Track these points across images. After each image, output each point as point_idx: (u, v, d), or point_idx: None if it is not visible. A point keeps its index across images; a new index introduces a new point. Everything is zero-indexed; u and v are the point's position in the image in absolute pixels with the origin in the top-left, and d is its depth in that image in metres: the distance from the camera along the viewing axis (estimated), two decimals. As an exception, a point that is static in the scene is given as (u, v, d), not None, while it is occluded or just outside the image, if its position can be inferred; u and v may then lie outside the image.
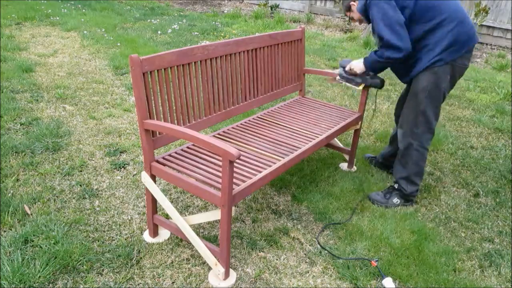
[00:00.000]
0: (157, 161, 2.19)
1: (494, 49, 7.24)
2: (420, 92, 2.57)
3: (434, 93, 2.56)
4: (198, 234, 2.41)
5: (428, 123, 2.63)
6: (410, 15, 2.44)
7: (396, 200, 2.79)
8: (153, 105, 2.10)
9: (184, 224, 2.13)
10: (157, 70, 2.10)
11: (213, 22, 7.78)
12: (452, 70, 2.54)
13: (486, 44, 7.40)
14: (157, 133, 2.14)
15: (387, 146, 3.16)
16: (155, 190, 2.19)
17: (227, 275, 2.10)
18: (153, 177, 2.20)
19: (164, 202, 2.16)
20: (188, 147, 2.37)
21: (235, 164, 2.22)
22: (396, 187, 2.80)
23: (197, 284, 2.09)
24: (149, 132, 2.09)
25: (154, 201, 2.28)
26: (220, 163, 2.20)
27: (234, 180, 2.05)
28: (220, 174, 2.09)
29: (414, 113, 2.64)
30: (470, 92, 5.03)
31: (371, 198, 2.84)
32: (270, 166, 2.24)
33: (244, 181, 2.06)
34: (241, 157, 2.31)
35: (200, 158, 2.28)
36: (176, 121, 2.26)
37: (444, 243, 2.49)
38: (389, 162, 3.14)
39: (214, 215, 2.07)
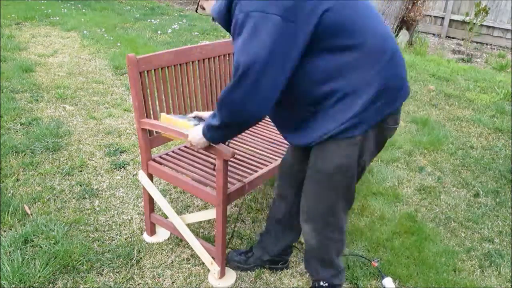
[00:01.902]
0: (154, 160, 2.20)
1: (494, 49, 7.24)
2: (333, 174, 1.60)
3: (351, 173, 1.60)
4: (198, 234, 2.41)
5: (339, 225, 1.76)
6: (312, 38, 1.37)
7: None
8: (150, 104, 2.11)
9: (180, 222, 2.13)
10: (154, 70, 2.10)
11: (213, 22, 7.78)
12: (380, 135, 1.59)
13: (486, 44, 7.40)
14: (154, 132, 2.15)
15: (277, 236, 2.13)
16: (152, 189, 2.20)
17: (222, 273, 2.10)
18: (150, 176, 2.20)
19: (160, 200, 2.17)
20: (185, 146, 2.37)
21: (231, 163, 2.22)
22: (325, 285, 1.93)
23: (197, 284, 2.09)
24: (146, 131, 2.10)
25: (151, 199, 2.28)
26: (219, 163, 2.20)
27: (230, 179, 2.05)
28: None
29: (325, 207, 1.70)
30: (470, 92, 5.03)
31: None
32: (266, 165, 2.24)
33: (240, 180, 2.06)
34: (238, 156, 2.31)
35: (197, 157, 2.28)
36: (174, 121, 2.26)
37: (444, 243, 2.49)
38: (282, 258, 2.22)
39: (210, 214, 2.07)
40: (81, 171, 2.96)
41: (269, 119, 2.85)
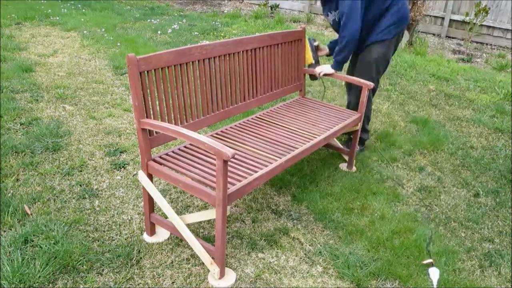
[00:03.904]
0: (154, 160, 2.20)
1: (494, 49, 7.23)
2: (372, 62, 3.06)
3: (383, 63, 3.10)
4: (198, 234, 2.41)
5: (375, 87, 3.26)
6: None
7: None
8: (150, 104, 2.11)
9: (180, 222, 2.13)
10: (154, 70, 2.10)
11: (213, 22, 7.78)
12: (396, 42, 3.12)
13: (486, 44, 7.40)
14: (154, 132, 2.15)
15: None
16: (152, 189, 2.19)
17: (222, 274, 2.10)
18: (150, 176, 2.20)
19: (160, 200, 2.17)
20: (185, 147, 2.38)
21: (231, 164, 2.22)
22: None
23: (197, 284, 2.09)
24: (146, 131, 2.10)
25: (151, 199, 2.28)
26: (219, 163, 2.20)
27: (230, 180, 2.05)
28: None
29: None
30: (470, 92, 5.03)
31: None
32: (266, 166, 2.24)
33: (239, 181, 2.06)
34: (238, 157, 2.31)
35: (197, 157, 2.28)
36: (173, 120, 2.26)
37: (444, 243, 2.49)
38: None
39: (210, 214, 2.07)
40: (81, 171, 2.96)
41: (270, 121, 2.86)
